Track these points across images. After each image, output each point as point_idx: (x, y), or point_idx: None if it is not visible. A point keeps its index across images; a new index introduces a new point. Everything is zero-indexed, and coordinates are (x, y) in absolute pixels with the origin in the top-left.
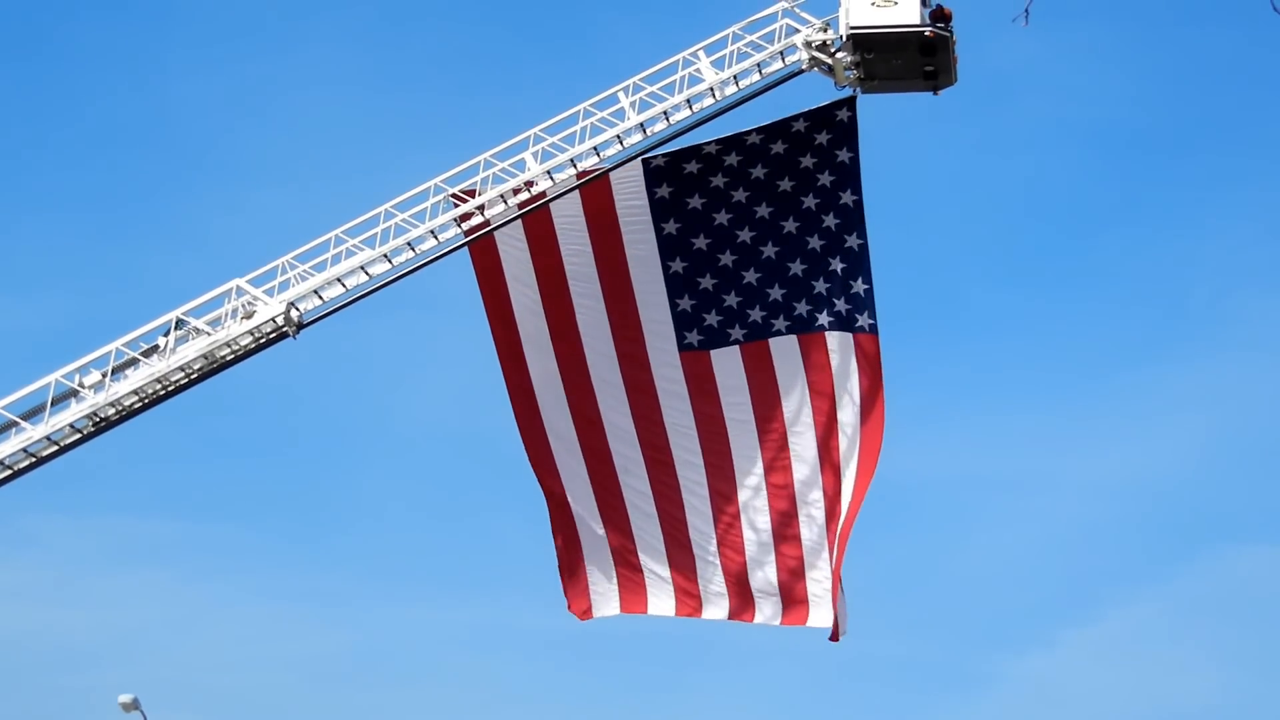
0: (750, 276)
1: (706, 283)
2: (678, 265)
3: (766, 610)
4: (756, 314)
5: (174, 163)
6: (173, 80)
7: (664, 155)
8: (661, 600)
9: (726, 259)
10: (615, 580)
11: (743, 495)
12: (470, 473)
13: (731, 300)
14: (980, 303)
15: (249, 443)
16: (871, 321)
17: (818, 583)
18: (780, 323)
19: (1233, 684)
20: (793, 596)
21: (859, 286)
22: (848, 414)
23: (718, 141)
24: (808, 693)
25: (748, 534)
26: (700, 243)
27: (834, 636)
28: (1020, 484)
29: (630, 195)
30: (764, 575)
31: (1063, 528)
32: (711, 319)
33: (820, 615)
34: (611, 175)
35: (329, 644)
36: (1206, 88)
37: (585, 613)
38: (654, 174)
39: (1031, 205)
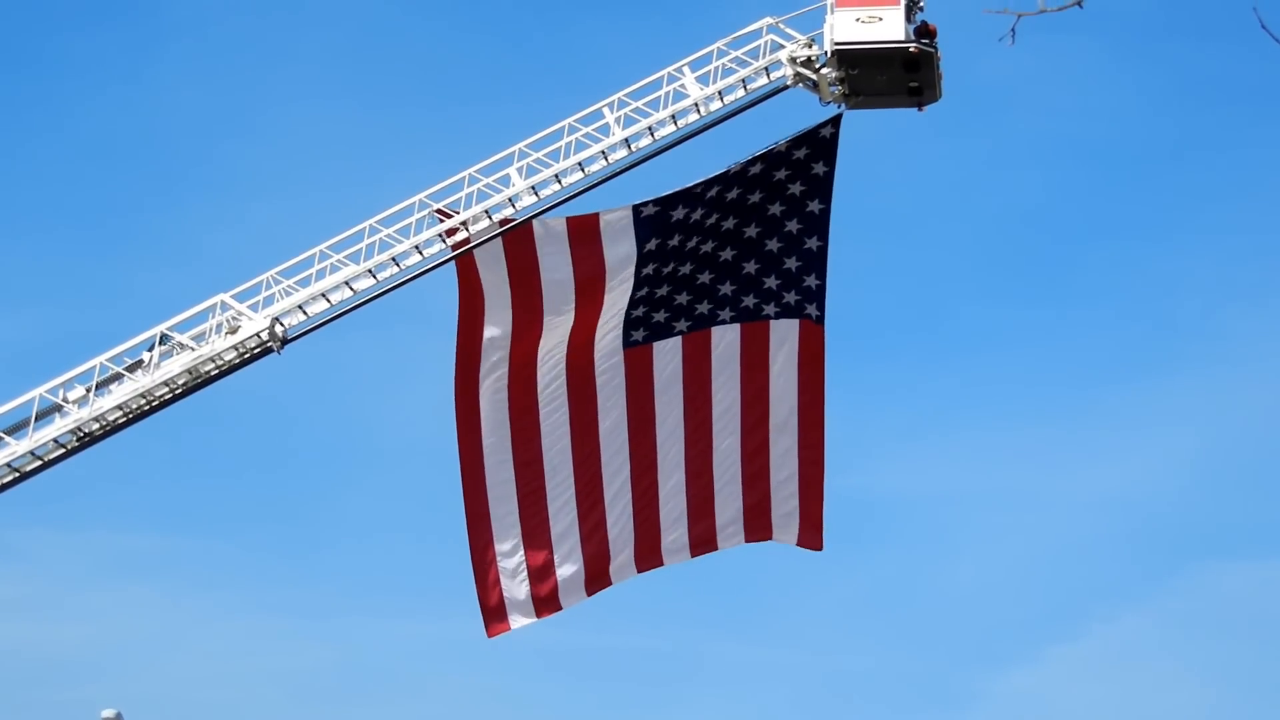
0: (704, 278)
1: (662, 290)
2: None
3: (673, 556)
4: (704, 307)
5: (158, 177)
6: (158, 94)
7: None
8: (572, 594)
9: (685, 269)
10: (529, 594)
11: (662, 469)
12: (455, 487)
13: (682, 299)
14: (967, 317)
15: (233, 457)
16: (819, 313)
17: (727, 519)
18: (726, 313)
19: (1219, 701)
20: (699, 538)
21: (811, 281)
22: (781, 390)
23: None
24: (792, 709)
25: (664, 499)
26: (665, 263)
27: (760, 537)
28: (1007, 500)
29: (617, 217)
30: (675, 530)
31: (1049, 543)
32: (659, 315)
33: (730, 541)
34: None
35: (314, 658)
36: (1194, 103)
37: (500, 628)
38: (643, 222)
39: (1019, 220)
